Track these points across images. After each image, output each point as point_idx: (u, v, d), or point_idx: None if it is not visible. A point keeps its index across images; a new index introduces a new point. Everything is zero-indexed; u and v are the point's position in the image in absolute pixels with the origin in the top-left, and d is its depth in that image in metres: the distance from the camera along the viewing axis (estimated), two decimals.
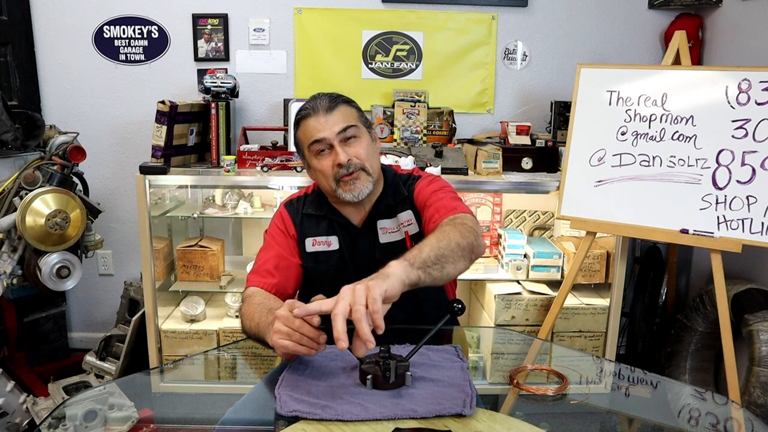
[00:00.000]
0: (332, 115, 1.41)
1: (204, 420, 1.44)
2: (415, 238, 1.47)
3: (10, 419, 2.24)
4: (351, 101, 1.48)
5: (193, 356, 2.49)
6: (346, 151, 1.40)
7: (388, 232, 1.50)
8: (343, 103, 1.44)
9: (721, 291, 2.04)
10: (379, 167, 1.49)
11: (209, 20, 2.79)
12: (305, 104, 1.46)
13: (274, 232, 1.53)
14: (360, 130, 1.44)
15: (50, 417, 1.36)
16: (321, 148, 1.42)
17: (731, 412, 1.44)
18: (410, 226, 1.49)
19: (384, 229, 1.50)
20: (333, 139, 1.40)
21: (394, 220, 1.50)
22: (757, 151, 1.97)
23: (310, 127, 1.41)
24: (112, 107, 2.88)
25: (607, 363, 2.09)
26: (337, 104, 1.43)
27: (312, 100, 1.45)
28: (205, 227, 2.91)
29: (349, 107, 1.45)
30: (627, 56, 2.86)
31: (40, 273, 2.18)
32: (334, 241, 1.50)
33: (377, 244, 1.49)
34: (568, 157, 2.28)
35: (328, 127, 1.40)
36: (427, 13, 2.82)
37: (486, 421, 1.08)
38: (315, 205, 1.53)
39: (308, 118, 1.42)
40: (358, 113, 1.47)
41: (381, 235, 1.50)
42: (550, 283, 2.64)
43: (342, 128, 1.40)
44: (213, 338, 2.56)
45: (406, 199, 1.51)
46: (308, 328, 1.10)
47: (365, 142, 1.44)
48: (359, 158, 1.41)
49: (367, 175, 1.42)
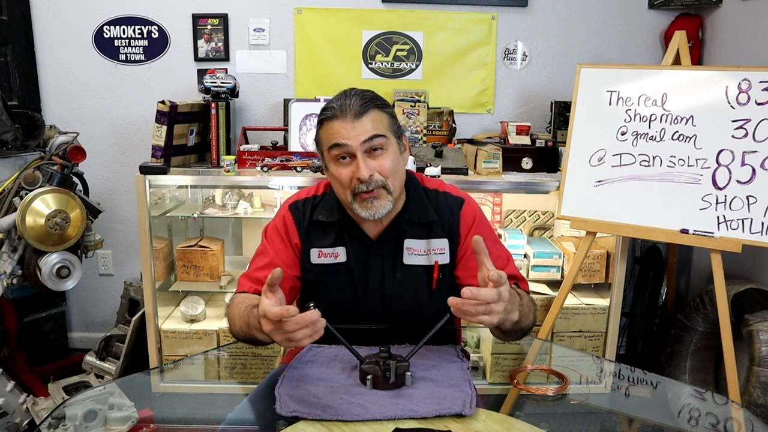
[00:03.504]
0: (360, 122, 1.27)
1: (204, 420, 1.45)
2: (444, 269, 1.38)
3: (10, 419, 2.24)
4: (385, 105, 1.34)
5: (193, 356, 2.50)
6: (369, 164, 1.27)
7: (415, 254, 1.38)
8: (375, 108, 1.30)
9: (721, 291, 2.04)
10: (402, 183, 1.36)
11: (209, 20, 2.79)
12: (333, 101, 1.30)
13: (274, 236, 1.41)
14: (388, 141, 1.30)
15: (50, 417, 1.37)
16: (341, 155, 1.28)
17: (731, 412, 1.44)
18: (441, 256, 1.38)
19: (410, 250, 1.38)
20: (356, 149, 1.26)
21: (425, 243, 1.38)
22: (757, 151, 1.96)
23: (334, 130, 1.28)
24: (112, 107, 2.87)
25: (607, 363, 2.09)
26: (369, 109, 1.28)
27: (341, 97, 1.30)
28: (205, 227, 2.91)
29: (382, 113, 1.31)
30: (627, 56, 2.86)
31: (40, 273, 2.18)
32: (341, 252, 1.39)
33: (399, 262, 1.38)
34: (568, 157, 2.28)
35: (354, 135, 1.26)
36: (427, 13, 2.82)
37: (486, 421, 1.08)
38: (326, 211, 1.39)
39: (333, 120, 1.28)
40: (390, 120, 1.33)
41: (407, 255, 1.38)
42: (550, 283, 2.64)
43: (368, 137, 1.27)
44: (213, 338, 2.56)
45: (439, 224, 1.39)
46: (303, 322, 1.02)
47: (392, 156, 1.30)
48: (382, 174, 1.28)
49: (388, 194, 1.30)
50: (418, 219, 1.38)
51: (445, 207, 1.40)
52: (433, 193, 1.43)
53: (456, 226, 1.39)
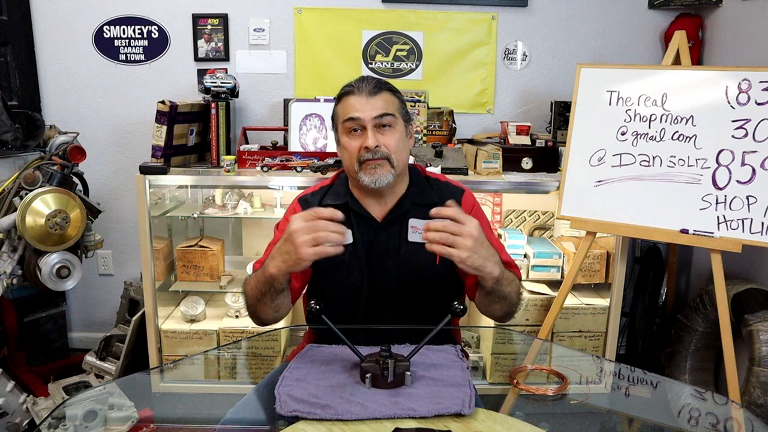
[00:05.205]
0: (374, 99, 1.42)
1: (204, 420, 1.45)
2: None
3: (10, 419, 2.24)
4: (397, 91, 1.49)
5: (193, 356, 2.50)
6: (377, 137, 1.41)
7: (418, 233, 1.44)
8: (387, 90, 1.45)
9: (721, 291, 2.04)
10: (405, 163, 1.48)
11: (209, 20, 2.79)
12: (351, 82, 1.47)
13: (285, 227, 1.48)
14: (396, 121, 1.44)
15: (50, 417, 1.37)
16: (354, 128, 1.43)
17: (731, 412, 1.44)
18: None
19: (414, 228, 1.45)
20: (367, 122, 1.41)
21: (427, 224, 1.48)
22: (757, 151, 1.96)
23: (349, 104, 1.43)
24: (112, 107, 2.87)
25: (607, 363, 2.09)
26: (382, 90, 1.44)
27: (359, 80, 1.46)
28: (205, 227, 2.91)
29: (393, 96, 1.46)
30: (627, 56, 2.86)
31: (40, 273, 2.18)
32: (348, 234, 1.48)
33: (404, 241, 1.46)
34: (568, 157, 2.28)
35: (367, 109, 1.41)
36: (427, 13, 2.82)
37: (486, 421, 1.08)
38: (335, 196, 1.52)
39: (350, 95, 1.43)
40: (400, 104, 1.47)
41: (411, 233, 1.45)
42: (550, 283, 2.64)
43: (379, 114, 1.41)
44: (213, 338, 2.56)
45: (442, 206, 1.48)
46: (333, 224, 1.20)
47: (398, 134, 1.44)
48: (387, 148, 1.41)
49: (390, 166, 1.42)
50: (421, 200, 1.48)
51: (447, 193, 1.51)
52: (434, 181, 1.56)
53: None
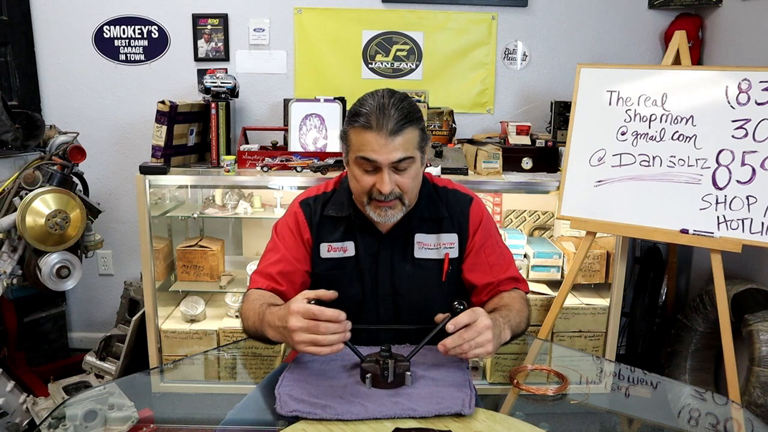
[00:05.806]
0: (394, 140, 1.28)
1: (204, 420, 1.45)
2: (454, 262, 1.45)
3: (10, 419, 2.24)
4: (419, 119, 1.34)
5: (193, 356, 2.50)
6: (393, 179, 1.31)
7: (425, 248, 1.44)
8: (409, 126, 1.30)
9: (721, 291, 2.04)
10: (417, 193, 1.40)
11: (209, 20, 2.79)
12: (371, 107, 1.29)
13: (285, 233, 1.45)
14: (414, 160, 1.33)
15: (50, 417, 1.37)
16: (368, 168, 1.32)
17: (731, 412, 1.44)
18: (452, 250, 1.44)
19: (421, 244, 1.43)
20: (384, 165, 1.30)
21: (435, 238, 1.44)
22: (757, 151, 1.96)
23: (366, 142, 1.29)
24: (112, 107, 2.87)
25: (607, 363, 2.09)
26: (404, 127, 1.29)
27: (379, 111, 1.28)
28: (205, 227, 2.91)
29: (415, 130, 1.32)
30: (627, 56, 2.86)
31: (40, 273, 2.18)
32: (350, 246, 1.43)
33: (410, 256, 1.43)
34: (568, 157, 2.28)
35: (385, 153, 1.28)
36: (427, 13, 2.82)
37: (486, 421, 1.08)
38: (337, 206, 1.44)
39: (368, 130, 1.28)
40: (420, 135, 1.34)
41: (417, 249, 1.43)
42: (550, 283, 2.64)
43: (398, 159, 1.29)
44: (213, 338, 2.56)
45: (449, 221, 1.45)
46: (334, 326, 1.11)
47: (414, 172, 1.34)
48: (402, 188, 1.33)
49: (402, 205, 1.35)
50: (428, 215, 1.44)
51: (455, 204, 1.46)
52: (443, 190, 1.49)
53: (465, 223, 1.45)
